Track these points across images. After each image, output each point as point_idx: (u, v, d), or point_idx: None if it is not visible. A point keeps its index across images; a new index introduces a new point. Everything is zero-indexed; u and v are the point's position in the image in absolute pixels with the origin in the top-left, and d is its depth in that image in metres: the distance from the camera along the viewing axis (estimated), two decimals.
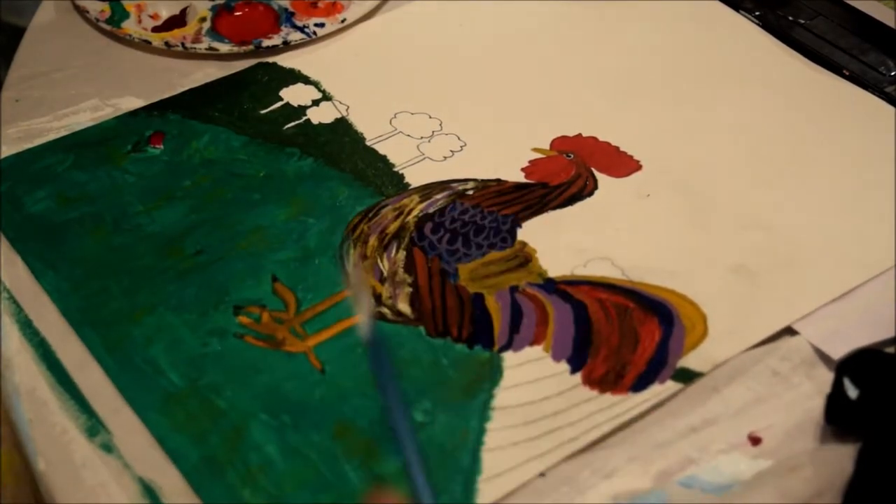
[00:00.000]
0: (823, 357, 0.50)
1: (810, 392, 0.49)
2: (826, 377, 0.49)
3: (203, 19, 0.69)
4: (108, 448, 0.46)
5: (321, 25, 0.69)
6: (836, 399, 0.47)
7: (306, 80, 0.66)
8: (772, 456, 0.46)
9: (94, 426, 0.47)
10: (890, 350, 0.50)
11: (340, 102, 0.64)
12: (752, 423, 0.48)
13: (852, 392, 0.46)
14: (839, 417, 0.47)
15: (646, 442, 0.47)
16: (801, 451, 0.46)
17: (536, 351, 0.50)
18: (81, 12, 0.70)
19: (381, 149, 0.61)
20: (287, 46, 0.67)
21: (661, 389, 0.48)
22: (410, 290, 0.53)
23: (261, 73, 0.66)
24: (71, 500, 0.44)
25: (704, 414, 0.48)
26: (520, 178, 0.59)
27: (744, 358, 0.50)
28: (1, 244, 0.55)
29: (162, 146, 0.61)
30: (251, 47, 0.67)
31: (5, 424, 0.49)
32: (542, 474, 0.45)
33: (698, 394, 0.49)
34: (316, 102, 0.64)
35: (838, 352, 0.49)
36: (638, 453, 0.46)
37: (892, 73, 0.65)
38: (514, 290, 0.53)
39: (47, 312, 0.52)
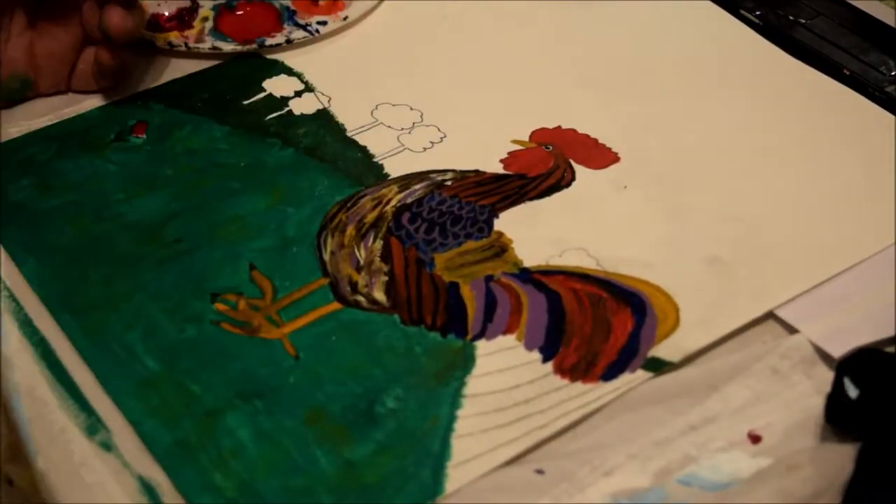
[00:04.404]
0: (823, 355, 0.50)
1: (810, 391, 0.49)
2: (826, 376, 0.49)
3: (205, 19, 0.70)
4: (107, 446, 0.46)
5: (324, 23, 0.69)
6: (836, 399, 0.47)
7: (289, 72, 0.66)
8: (771, 454, 0.46)
9: (93, 425, 0.47)
10: (890, 350, 0.50)
11: (322, 94, 0.64)
12: (751, 421, 0.48)
13: (852, 392, 0.46)
14: (839, 417, 0.47)
15: (645, 440, 0.47)
16: (800, 450, 0.46)
17: (509, 340, 0.51)
18: None
19: (362, 139, 0.61)
20: (290, 45, 0.68)
21: (631, 378, 0.49)
22: (386, 278, 0.53)
23: (244, 64, 0.67)
24: (70, 499, 0.44)
25: (704, 412, 0.48)
26: (499, 169, 0.60)
27: (743, 356, 0.50)
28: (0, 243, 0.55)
29: (144, 136, 0.62)
30: (255, 46, 0.67)
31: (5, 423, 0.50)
32: (540, 471, 0.46)
33: (698, 392, 0.49)
34: (298, 93, 0.65)
35: (839, 350, 0.49)
36: (637, 451, 0.46)
37: (893, 73, 0.65)
38: (489, 279, 0.53)
39: (44, 309, 0.52)
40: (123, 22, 0.59)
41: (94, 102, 0.64)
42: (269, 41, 0.67)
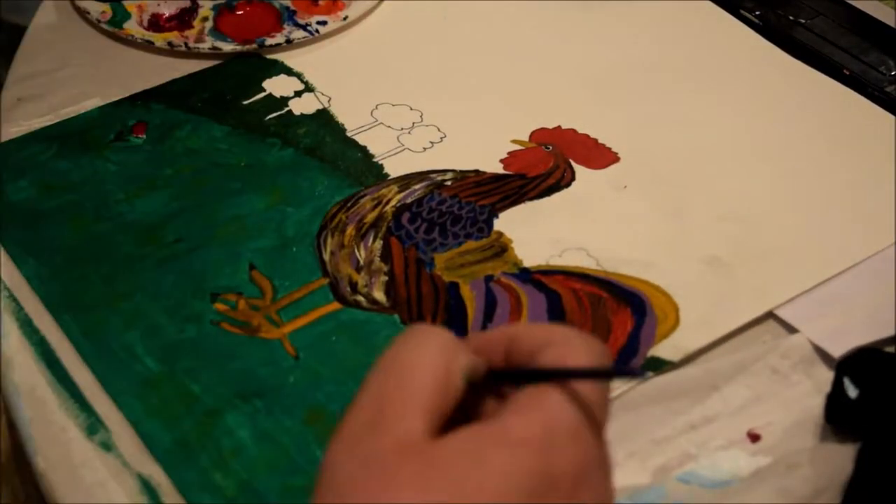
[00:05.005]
0: (823, 355, 0.50)
1: (809, 390, 0.49)
2: (825, 375, 0.49)
3: (205, 19, 0.70)
4: (107, 446, 0.46)
5: (323, 23, 0.69)
6: (835, 398, 0.47)
7: (289, 72, 0.66)
8: (771, 453, 0.46)
9: (93, 425, 0.47)
10: (890, 350, 0.50)
11: (322, 94, 0.64)
12: (751, 420, 0.48)
13: (852, 391, 0.46)
14: (839, 417, 0.47)
15: (645, 438, 0.47)
16: (800, 449, 0.46)
17: None
18: (82, 14, 0.70)
19: (362, 139, 0.61)
20: (290, 45, 0.68)
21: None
22: (386, 278, 0.53)
23: (244, 64, 0.67)
24: (70, 499, 0.45)
25: (704, 411, 0.48)
26: (498, 169, 0.60)
27: (743, 356, 0.50)
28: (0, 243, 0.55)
29: (144, 136, 0.62)
30: (254, 46, 0.67)
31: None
32: None
33: (698, 392, 0.49)
34: (298, 94, 0.65)
35: (839, 350, 0.49)
36: (637, 449, 0.46)
37: (893, 73, 0.65)
38: (489, 279, 0.53)
39: (44, 309, 0.52)
40: None
41: (94, 102, 0.64)
42: (269, 41, 0.67)
